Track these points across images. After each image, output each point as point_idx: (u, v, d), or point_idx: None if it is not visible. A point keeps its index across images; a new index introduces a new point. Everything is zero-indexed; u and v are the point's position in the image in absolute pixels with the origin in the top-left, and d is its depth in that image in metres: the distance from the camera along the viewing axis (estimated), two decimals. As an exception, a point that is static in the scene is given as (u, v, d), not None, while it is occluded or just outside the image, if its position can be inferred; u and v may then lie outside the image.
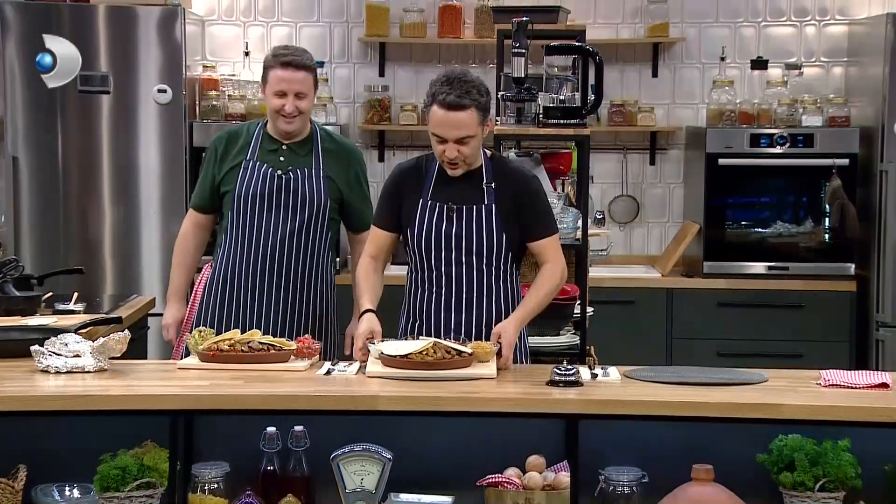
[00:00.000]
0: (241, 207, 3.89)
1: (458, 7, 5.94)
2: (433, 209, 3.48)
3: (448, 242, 3.47)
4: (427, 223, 3.48)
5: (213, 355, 3.25)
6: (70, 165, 5.52)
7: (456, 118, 3.35)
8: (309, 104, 3.90)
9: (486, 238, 3.47)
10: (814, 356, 5.28)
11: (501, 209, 3.47)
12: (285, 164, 3.91)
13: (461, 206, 3.47)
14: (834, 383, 3.10)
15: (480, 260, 3.48)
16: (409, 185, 3.53)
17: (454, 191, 3.48)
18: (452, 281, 3.49)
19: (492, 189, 3.48)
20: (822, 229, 5.64)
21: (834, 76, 5.98)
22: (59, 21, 5.44)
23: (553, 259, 3.50)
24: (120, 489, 2.88)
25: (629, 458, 3.00)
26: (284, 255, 3.88)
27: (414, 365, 3.13)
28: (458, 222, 3.47)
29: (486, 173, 3.50)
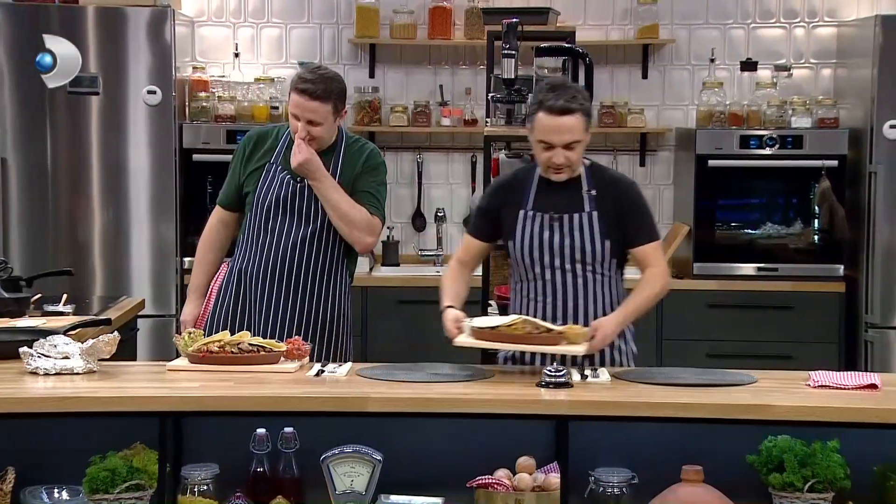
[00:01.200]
0: (259, 211, 3.88)
1: (448, 8, 5.94)
2: (534, 219, 3.51)
3: (552, 251, 3.50)
4: (530, 233, 3.51)
5: (203, 357, 3.25)
6: (59, 167, 5.50)
7: (564, 123, 3.39)
8: (322, 131, 3.81)
9: (588, 245, 3.49)
10: (803, 357, 5.30)
11: (603, 216, 3.50)
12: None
13: (562, 215, 3.50)
14: (823, 384, 3.11)
15: (584, 267, 3.51)
16: (507, 197, 3.57)
17: (555, 200, 3.51)
18: (557, 289, 3.51)
19: (592, 196, 3.51)
20: (811, 231, 5.65)
21: (823, 78, 6.00)
22: (47, 22, 5.42)
23: (655, 264, 3.53)
24: (109, 491, 2.88)
25: (619, 460, 3.00)
26: (295, 260, 3.85)
27: (502, 337, 3.17)
28: (561, 231, 3.50)
29: (586, 181, 3.53)
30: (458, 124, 6.01)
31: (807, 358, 5.20)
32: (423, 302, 5.58)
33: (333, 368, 3.28)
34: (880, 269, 5.43)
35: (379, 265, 5.96)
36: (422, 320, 5.58)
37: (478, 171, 6.04)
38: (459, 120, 6.01)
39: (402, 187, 6.15)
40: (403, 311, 5.58)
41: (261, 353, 3.26)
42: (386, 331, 5.56)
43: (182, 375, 3.21)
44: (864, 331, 5.48)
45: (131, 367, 3.50)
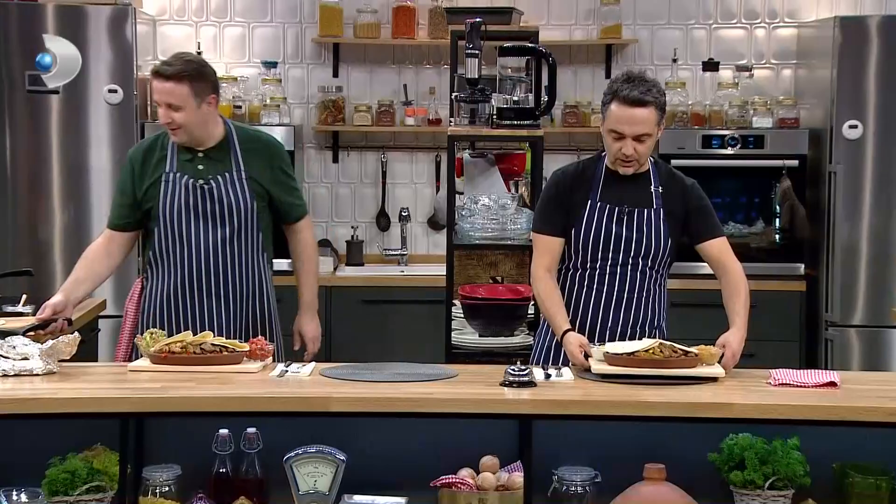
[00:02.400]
0: (168, 222, 3.78)
1: (411, 8, 5.94)
2: (603, 210, 3.51)
3: (617, 243, 3.50)
4: (597, 223, 3.51)
5: (165, 357, 3.23)
6: (19, 166, 5.45)
7: (637, 114, 3.39)
8: (185, 116, 3.70)
9: (654, 241, 3.51)
10: (764, 355, 5.31)
11: (668, 214, 3.52)
12: (205, 173, 3.80)
13: (633, 209, 3.50)
14: (784, 382, 3.13)
15: (646, 262, 3.53)
16: (574, 186, 3.54)
17: (624, 193, 3.52)
18: (616, 280, 3.52)
19: (660, 193, 3.53)
20: (772, 230, 5.70)
21: (784, 78, 6.05)
22: (6, 20, 5.37)
23: (732, 259, 3.58)
24: (69, 493, 2.86)
25: (582, 458, 3.01)
26: (220, 264, 3.80)
27: (641, 363, 3.12)
28: (629, 224, 3.50)
29: (653, 178, 3.54)
30: (422, 124, 6.01)
31: (768, 356, 5.22)
32: (386, 302, 5.59)
33: (297, 369, 3.27)
34: (840, 268, 5.48)
35: (343, 265, 5.95)
36: (385, 320, 5.58)
37: (442, 170, 6.04)
38: (423, 119, 6.01)
39: (367, 187, 6.14)
40: (367, 311, 5.58)
41: (223, 353, 3.25)
42: (349, 331, 5.55)
43: (143, 376, 3.19)
44: (824, 329, 5.54)
45: (92, 367, 3.47)
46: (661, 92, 3.46)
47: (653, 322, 3.58)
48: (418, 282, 5.60)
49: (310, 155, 6.11)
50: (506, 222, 4.16)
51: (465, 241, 4.15)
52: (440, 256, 5.11)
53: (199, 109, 3.72)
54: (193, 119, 3.73)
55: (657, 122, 3.44)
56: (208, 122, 3.77)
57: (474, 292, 4.01)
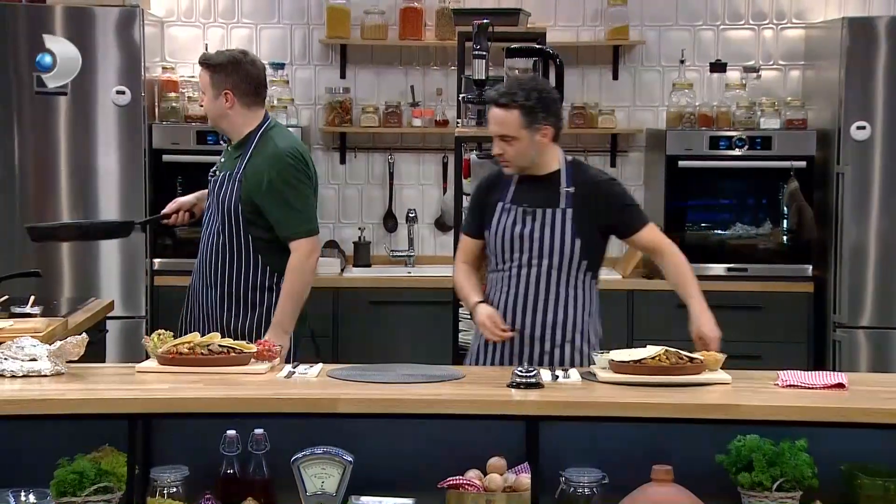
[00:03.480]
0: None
1: (419, 9, 5.94)
2: (510, 212, 3.57)
3: (521, 244, 3.54)
4: (503, 225, 3.57)
5: (173, 358, 3.23)
6: (27, 167, 5.46)
7: (497, 115, 3.49)
8: (207, 103, 3.95)
9: (557, 241, 3.53)
10: (772, 357, 5.33)
11: (577, 214, 3.52)
12: (221, 167, 4.01)
13: (535, 209, 3.53)
14: (791, 384, 3.13)
15: (551, 263, 3.54)
16: (491, 191, 3.64)
17: (532, 194, 3.56)
18: (522, 281, 3.56)
19: (570, 194, 3.55)
20: (780, 231, 5.69)
21: (791, 79, 6.04)
22: (14, 21, 5.38)
23: (667, 242, 3.61)
24: (77, 494, 2.85)
25: (589, 460, 3.01)
26: (210, 254, 3.97)
27: (648, 370, 3.11)
28: (532, 224, 3.53)
29: (564, 178, 3.56)
30: (429, 125, 6.01)
31: (776, 358, 5.23)
32: (394, 303, 5.59)
33: (304, 370, 3.27)
34: (848, 269, 5.47)
35: (350, 266, 5.96)
36: (392, 321, 5.58)
37: (449, 171, 6.03)
38: (430, 120, 6.01)
39: (374, 188, 6.15)
40: (375, 312, 5.58)
41: (230, 354, 3.25)
42: (357, 332, 5.55)
43: (151, 377, 3.20)
44: (832, 330, 5.53)
45: (100, 368, 3.48)
46: (533, 97, 3.47)
47: (567, 324, 3.56)
48: (425, 283, 5.60)
49: (317, 156, 6.11)
50: (513, 223, 4.15)
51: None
52: (447, 257, 5.12)
53: (216, 101, 3.90)
54: (213, 107, 3.93)
55: (523, 126, 3.46)
56: (225, 114, 3.92)
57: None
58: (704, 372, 3.17)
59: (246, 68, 3.90)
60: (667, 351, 3.17)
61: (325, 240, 6.06)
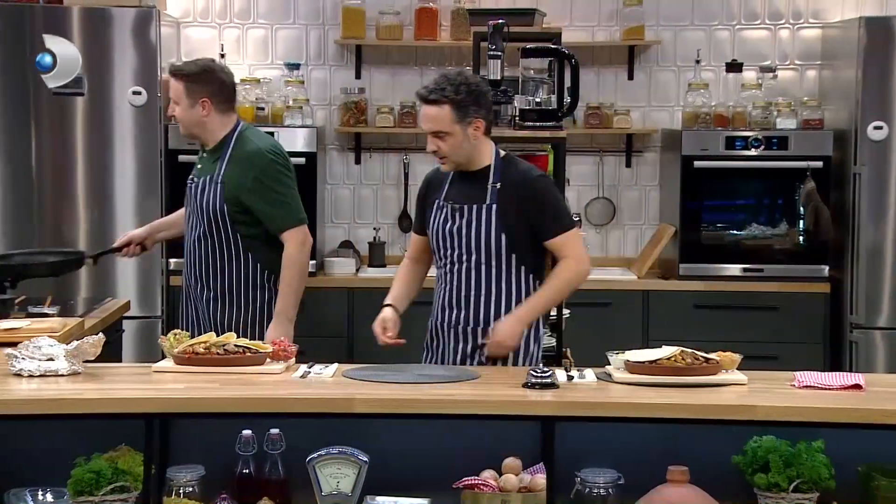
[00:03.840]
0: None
1: (434, 10, 5.94)
2: (443, 209, 3.60)
3: (451, 240, 3.58)
4: (437, 222, 3.61)
5: (189, 358, 3.24)
6: (44, 168, 5.48)
7: (427, 111, 3.53)
8: (181, 112, 4.02)
9: (483, 237, 3.53)
10: (788, 358, 5.31)
11: (503, 209, 3.52)
12: (199, 172, 4.10)
13: (462, 206, 3.56)
14: (808, 385, 3.12)
15: (479, 258, 3.55)
16: (431, 189, 3.70)
17: (463, 191, 3.59)
18: (455, 277, 3.60)
19: (496, 189, 3.55)
20: (796, 231, 5.67)
21: (808, 79, 6.02)
22: (32, 22, 5.40)
23: (569, 255, 3.55)
24: (94, 493, 2.87)
25: (605, 460, 3.01)
26: (198, 258, 4.07)
27: (663, 371, 3.10)
28: (460, 220, 3.56)
29: (492, 173, 3.56)
30: (444, 125, 6.00)
31: (792, 358, 5.21)
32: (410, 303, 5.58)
33: (319, 370, 3.28)
34: (865, 269, 5.45)
35: (365, 266, 5.96)
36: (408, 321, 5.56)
37: (464, 172, 6.03)
38: (446, 121, 6.00)
39: (389, 188, 6.15)
40: (390, 313, 5.57)
41: (246, 354, 3.26)
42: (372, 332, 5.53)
43: (168, 377, 3.21)
44: (848, 331, 5.50)
45: (116, 368, 3.49)
46: (460, 91, 3.48)
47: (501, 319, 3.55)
48: (440, 283, 5.59)
49: (332, 156, 6.12)
50: (528, 224, 4.14)
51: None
52: (462, 258, 5.11)
53: (193, 109, 3.99)
54: (188, 116, 4.01)
55: (455, 121, 3.48)
56: (201, 121, 4.01)
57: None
58: (720, 373, 3.16)
59: (220, 76, 4.05)
60: (682, 351, 3.16)
61: (341, 240, 6.08)
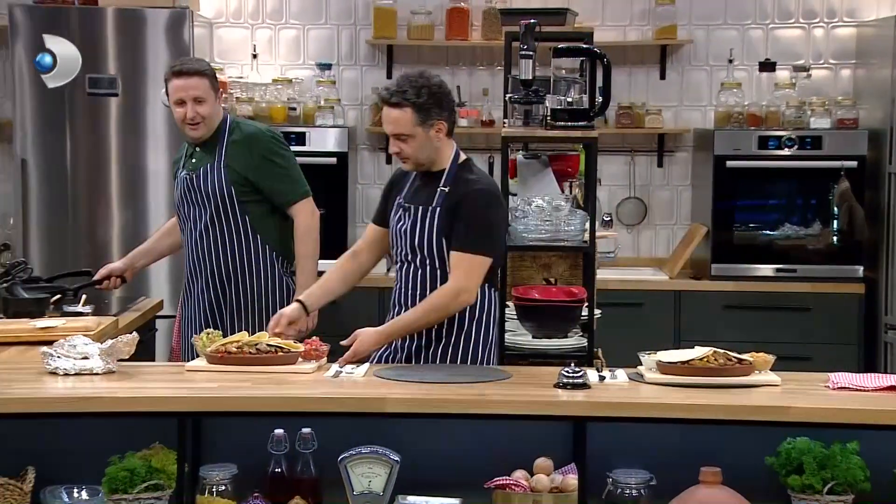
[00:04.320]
0: (177, 213, 4.28)
1: (465, 9, 5.94)
2: (399, 209, 3.64)
3: (402, 240, 3.62)
4: (393, 221, 3.66)
5: (222, 357, 3.26)
6: (79, 167, 5.53)
7: (390, 114, 3.54)
8: (208, 108, 4.10)
9: (426, 238, 3.56)
10: (822, 359, 5.27)
11: (444, 213, 3.55)
12: (196, 164, 4.18)
13: (410, 206, 3.60)
14: (843, 386, 3.09)
15: (423, 259, 3.58)
16: (396, 187, 3.72)
17: (419, 192, 3.62)
18: (404, 276, 3.64)
19: (444, 193, 3.56)
20: (830, 231, 5.63)
21: (842, 78, 5.97)
22: (67, 23, 5.45)
23: (454, 277, 3.50)
24: (128, 491, 2.89)
25: (637, 461, 3.00)
26: (207, 248, 4.15)
27: (695, 371, 3.09)
28: (407, 220, 3.60)
29: (445, 177, 3.59)
30: (475, 125, 6.01)
31: (825, 360, 5.18)
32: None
33: (351, 369, 3.28)
34: (900, 270, 5.40)
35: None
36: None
37: (495, 171, 6.02)
38: (477, 121, 6.01)
39: (420, 188, 6.15)
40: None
41: (278, 353, 3.27)
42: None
43: (200, 376, 3.22)
44: (883, 332, 5.46)
45: (150, 367, 3.52)
46: (421, 94, 3.48)
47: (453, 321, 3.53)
48: (471, 283, 5.59)
49: (363, 156, 6.13)
50: (559, 224, 4.14)
51: (518, 243, 4.13)
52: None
53: (216, 103, 4.10)
54: (213, 112, 4.12)
55: (417, 123, 3.48)
56: (217, 115, 4.14)
57: (528, 294, 3.99)
58: (753, 374, 3.14)
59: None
60: (715, 352, 3.14)
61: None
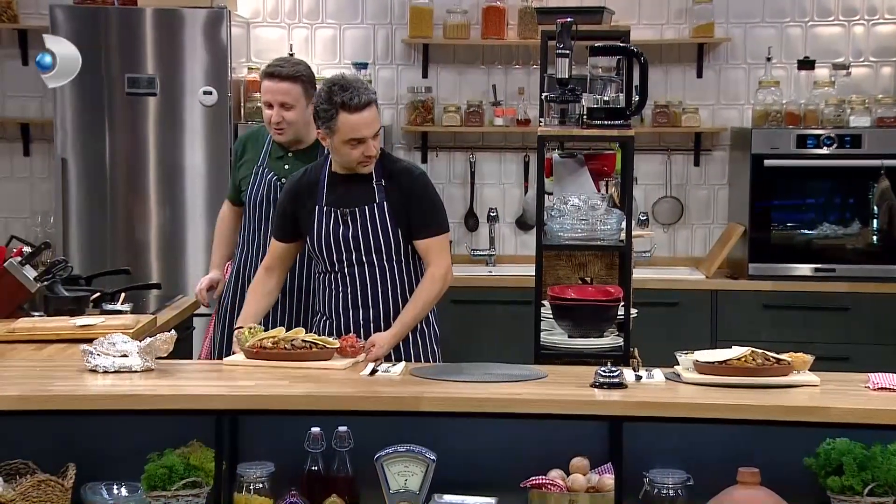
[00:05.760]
0: (251, 212, 4.09)
1: (501, 8, 5.94)
2: (329, 214, 3.59)
3: (347, 244, 3.58)
4: (325, 228, 3.59)
5: (258, 352, 3.28)
6: (117, 167, 5.58)
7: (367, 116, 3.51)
8: (296, 115, 3.97)
9: (381, 236, 3.57)
10: (861, 359, 5.23)
11: (392, 205, 3.56)
12: (287, 172, 4.01)
13: (354, 209, 3.57)
14: (883, 386, 3.06)
15: (381, 257, 3.59)
16: (300, 197, 3.64)
17: (347, 194, 3.59)
18: (356, 280, 3.60)
19: (382, 187, 3.57)
20: (869, 231, 5.58)
21: (883, 76, 5.91)
22: (106, 24, 5.50)
23: (435, 262, 3.58)
24: (167, 488, 2.91)
25: (674, 461, 2.98)
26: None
27: (733, 371, 3.08)
28: (353, 224, 3.57)
29: (375, 173, 3.59)
30: (510, 124, 6.01)
31: (864, 360, 5.13)
32: (476, 302, 5.60)
33: (387, 368, 3.29)
34: (941, 270, 5.34)
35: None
36: (474, 320, 5.59)
37: (531, 170, 6.03)
38: (512, 120, 6.00)
39: (455, 187, 6.16)
40: (457, 312, 5.58)
41: (313, 349, 3.28)
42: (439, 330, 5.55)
43: (238, 374, 3.24)
44: (924, 332, 5.41)
45: (188, 365, 3.54)
46: (373, 90, 3.59)
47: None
48: (506, 282, 5.60)
49: (399, 155, 6.14)
50: (595, 223, 4.12)
51: (554, 242, 4.13)
52: (528, 257, 5.11)
53: (307, 109, 3.92)
54: (302, 119, 3.97)
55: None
56: (309, 122, 3.89)
57: (563, 293, 3.98)
58: (792, 374, 3.12)
59: None
60: (753, 352, 3.12)
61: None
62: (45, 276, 4.11)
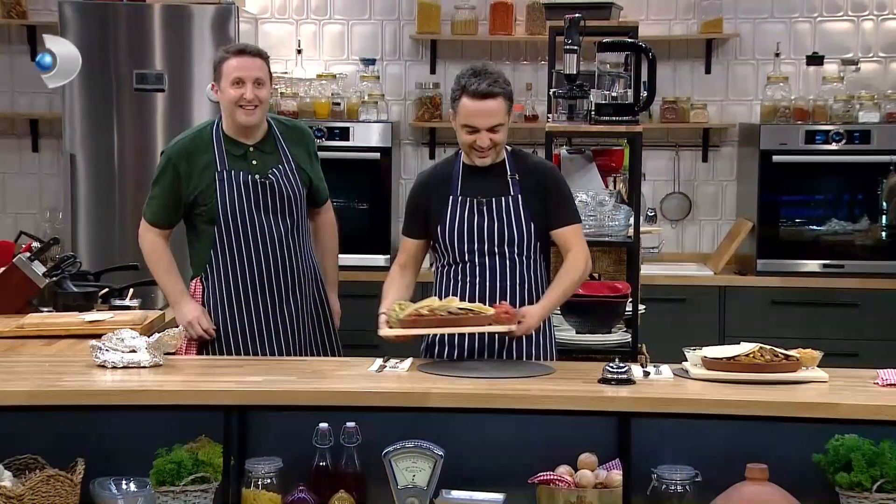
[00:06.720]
0: (230, 220, 3.79)
1: (509, 4, 5.93)
2: (464, 204, 3.56)
3: (480, 235, 3.55)
4: (459, 218, 3.56)
5: (415, 321, 3.27)
6: (126, 163, 5.58)
7: (487, 106, 3.46)
8: (266, 94, 3.85)
9: (515, 228, 3.54)
10: (869, 355, 5.22)
11: (527, 200, 3.55)
12: (261, 167, 3.84)
13: (490, 199, 3.54)
14: (892, 383, 3.05)
15: (512, 250, 3.55)
16: (435, 188, 3.62)
17: (482, 186, 3.57)
18: (486, 271, 3.56)
19: (517, 181, 3.56)
20: (878, 227, 5.56)
21: (892, 71, 5.89)
22: (115, 20, 5.50)
23: (574, 249, 3.56)
24: (175, 483, 2.92)
25: (682, 457, 2.98)
26: (284, 257, 3.84)
27: (742, 367, 3.08)
28: (489, 215, 3.55)
29: (509, 167, 3.58)
30: (518, 120, 6.00)
31: (873, 356, 5.12)
32: (483, 298, 5.58)
33: (395, 364, 3.29)
34: (950, 266, 5.33)
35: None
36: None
37: (539, 166, 6.01)
38: (520, 115, 6.00)
39: (463, 183, 6.15)
40: (464, 307, 5.58)
41: (469, 315, 3.26)
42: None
43: (247, 370, 3.25)
44: (933, 329, 5.39)
45: (196, 360, 3.54)
46: (507, 82, 3.52)
47: None
48: (515, 278, 5.58)
49: (407, 151, 6.14)
50: (604, 219, 4.13)
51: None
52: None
53: (269, 90, 3.91)
54: (267, 99, 3.88)
55: (507, 111, 3.50)
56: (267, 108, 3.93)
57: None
58: (800, 370, 3.11)
59: None
60: (761, 348, 3.12)
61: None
62: (53, 272, 4.12)
